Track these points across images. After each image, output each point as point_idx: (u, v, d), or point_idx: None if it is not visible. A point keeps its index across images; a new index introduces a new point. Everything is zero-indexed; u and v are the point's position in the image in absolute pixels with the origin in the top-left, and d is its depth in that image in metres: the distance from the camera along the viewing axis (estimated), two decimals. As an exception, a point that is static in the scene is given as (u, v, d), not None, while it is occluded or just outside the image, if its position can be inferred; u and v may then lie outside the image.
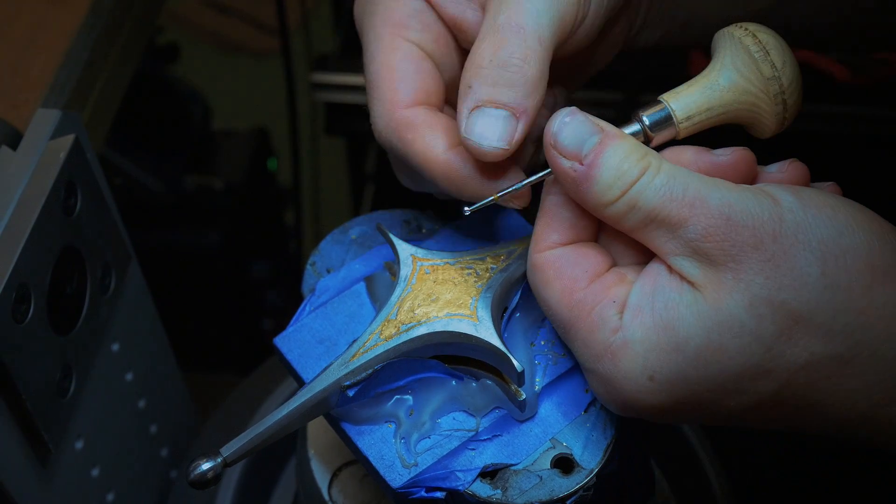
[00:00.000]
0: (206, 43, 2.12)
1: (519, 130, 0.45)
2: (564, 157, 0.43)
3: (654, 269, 0.44)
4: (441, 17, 0.50)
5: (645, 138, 0.47)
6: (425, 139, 0.47)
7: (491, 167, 0.47)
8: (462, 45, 0.51)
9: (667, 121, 0.46)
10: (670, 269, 0.43)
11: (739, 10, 0.59)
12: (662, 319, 0.42)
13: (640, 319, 0.42)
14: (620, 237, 0.46)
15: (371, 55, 0.49)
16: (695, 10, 0.59)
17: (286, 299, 1.33)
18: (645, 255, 0.45)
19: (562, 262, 0.45)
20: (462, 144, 0.46)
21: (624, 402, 0.43)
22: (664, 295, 0.42)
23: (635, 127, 0.46)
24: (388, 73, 0.48)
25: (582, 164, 0.43)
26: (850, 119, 1.04)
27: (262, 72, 1.90)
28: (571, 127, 0.43)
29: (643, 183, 0.42)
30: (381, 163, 1.32)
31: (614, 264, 0.46)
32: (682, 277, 0.42)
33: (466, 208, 0.47)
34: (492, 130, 0.45)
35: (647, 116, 0.46)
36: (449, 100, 0.51)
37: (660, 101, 0.47)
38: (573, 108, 0.44)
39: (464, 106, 0.46)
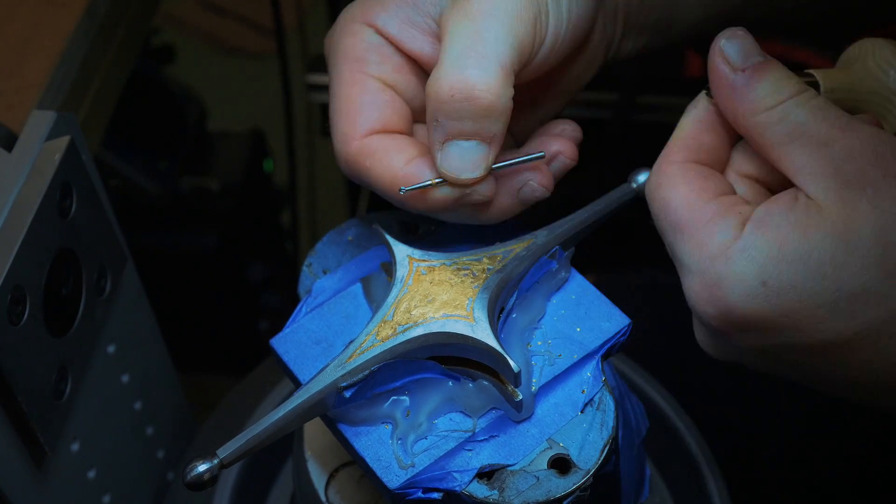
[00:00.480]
0: (202, 44, 2.12)
1: (491, 156, 0.47)
2: (728, 64, 0.45)
3: (782, 194, 0.44)
4: (399, 51, 0.51)
5: None
6: (382, 163, 0.48)
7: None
8: (425, 69, 0.51)
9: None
10: (798, 192, 0.44)
11: (717, 8, 0.60)
12: (787, 233, 0.42)
13: (763, 231, 0.43)
14: (752, 166, 0.47)
15: (333, 92, 0.51)
16: (673, 13, 0.59)
17: (283, 300, 1.33)
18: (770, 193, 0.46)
19: (694, 173, 0.46)
20: (417, 158, 0.48)
21: (726, 307, 0.43)
22: (793, 213, 0.43)
23: None
24: (345, 107, 0.50)
25: (744, 72, 0.45)
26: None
27: (257, 73, 1.90)
28: (740, 42, 0.45)
29: (800, 99, 0.44)
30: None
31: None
32: (812, 200, 0.43)
33: (403, 187, 0.48)
34: (465, 161, 0.47)
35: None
36: (420, 119, 0.52)
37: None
38: (743, 28, 0.46)
39: (434, 139, 0.47)
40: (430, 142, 0.48)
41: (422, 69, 0.52)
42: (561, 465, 0.46)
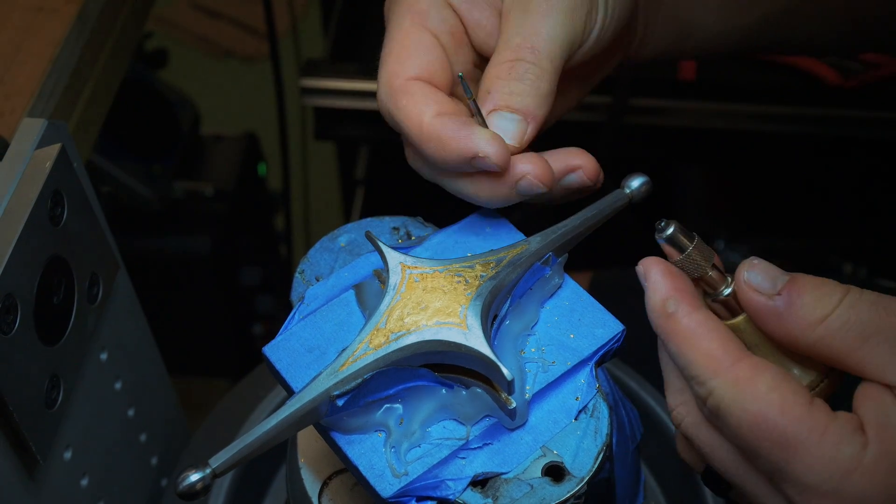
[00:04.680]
0: (195, 48, 2.12)
1: (528, 133, 0.51)
2: (762, 294, 0.44)
3: (871, 388, 0.42)
4: (459, 18, 0.55)
5: None
6: (416, 106, 0.51)
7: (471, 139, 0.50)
8: (474, 43, 0.55)
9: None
10: (890, 388, 0.42)
11: (740, 20, 0.60)
12: None
13: (890, 434, 0.41)
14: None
15: (389, 36, 0.54)
16: (695, 20, 0.60)
17: (277, 304, 1.32)
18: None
19: (779, 379, 0.42)
20: (447, 115, 0.50)
21: None
22: None
23: None
24: (398, 49, 0.53)
25: (780, 295, 0.43)
26: (841, 121, 1.04)
27: (251, 77, 1.90)
28: (762, 269, 0.44)
29: (850, 299, 0.42)
30: (371, 167, 1.31)
31: None
32: None
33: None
34: (505, 131, 0.50)
35: None
36: (455, 93, 0.54)
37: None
38: (757, 258, 0.45)
39: (483, 108, 0.51)
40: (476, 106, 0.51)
41: (472, 43, 0.55)
42: (555, 472, 0.46)
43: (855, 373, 0.43)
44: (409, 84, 0.51)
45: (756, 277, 0.44)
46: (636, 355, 0.75)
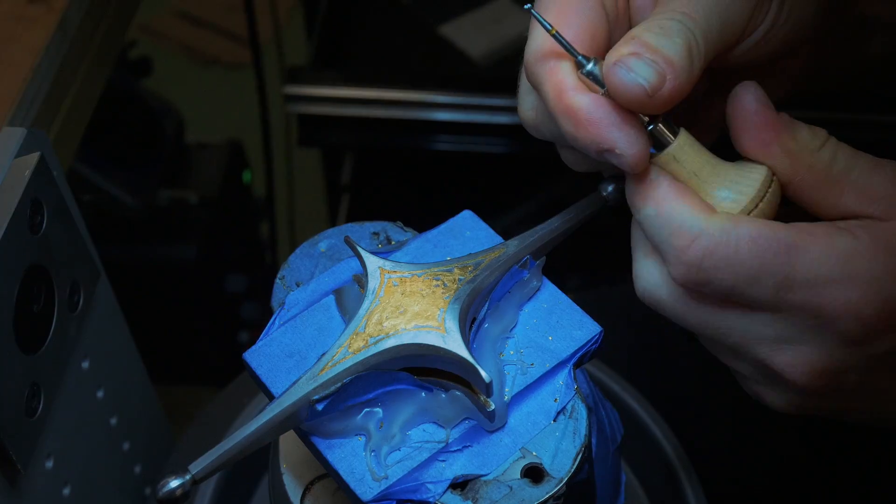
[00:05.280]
0: (179, 55, 2.11)
1: (667, 88, 0.43)
2: (768, 108, 0.46)
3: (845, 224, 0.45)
4: None
5: None
6: (559, 74, 0.46)
7: (613, 117, 0.45)
8: (633, 21, 0.50)
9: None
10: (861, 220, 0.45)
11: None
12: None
13: (875, 228, 0.44)
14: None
15: None
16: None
17: (262, 311, 1.33)
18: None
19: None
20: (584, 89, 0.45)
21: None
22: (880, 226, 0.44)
23: None
24: (559, 6, 0.47)
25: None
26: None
27: (235, 84, 1.90)
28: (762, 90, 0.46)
29: (835, 140, 0.45)
30: (356, 173, 1.32)
31: None
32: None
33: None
34: (641, 69, 0.43)
35: None
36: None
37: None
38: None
39: (622, 46, 0.44)
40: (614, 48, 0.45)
41: (632, 15, 0.50)
42: (534, 474, 0.47)
43: (832, 203, 0.45)
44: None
45: (761, 93, 0.46)
46: (618, 357, 0.76)
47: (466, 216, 0.55)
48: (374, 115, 1.10)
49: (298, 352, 0.51)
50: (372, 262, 0.50)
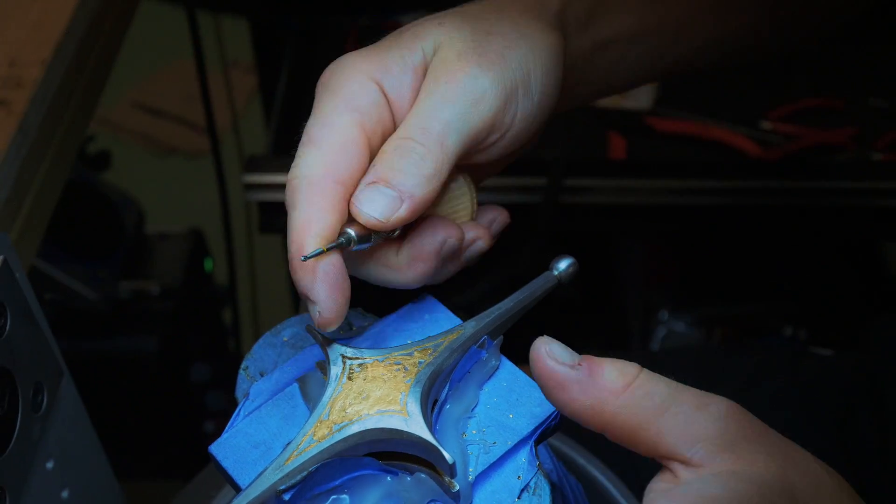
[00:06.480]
0: (138, 146, 2.13)
1: (400, 212, 0.50)
2: (563, 363, 0.45)
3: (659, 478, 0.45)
4: (392, 113, 0.54)
5: None
6: (313, 206, 0.50)
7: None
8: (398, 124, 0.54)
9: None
10: (677, 466, 0.43)
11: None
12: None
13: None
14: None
15: (318, 124, 0.52)
16: (610, 83, 0.64)
17: (227, 400, 1.32)
18: None
19: None
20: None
21: None
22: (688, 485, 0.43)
23: None
24: (329, 152, 0.51)
25: (581, 365, 0.44)
26: (762, 192, 1.09)
27: (195, 173, 1.91)
28: (558, 343, 0.46)
29: (648, 373, 0.44)
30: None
31: None
32: (700, 466, 0.43)
33: (303, 255, 0.50)
34: (376, 205, 0.50)
35: None
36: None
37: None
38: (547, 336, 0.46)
39: (363, 179, 0.51)
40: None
41: (395, 121, 0.54)
42: (501, 552, 0.47)
43: (651, 444, 0.44)
44: (320, 182, 0.50)
45: (557, 349, 0.45)
46: (581, 429, 0.77)
47: (426, 300, 0.57)
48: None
49: (264, 442, 0.51)
50: (334, 349, 0.51)
